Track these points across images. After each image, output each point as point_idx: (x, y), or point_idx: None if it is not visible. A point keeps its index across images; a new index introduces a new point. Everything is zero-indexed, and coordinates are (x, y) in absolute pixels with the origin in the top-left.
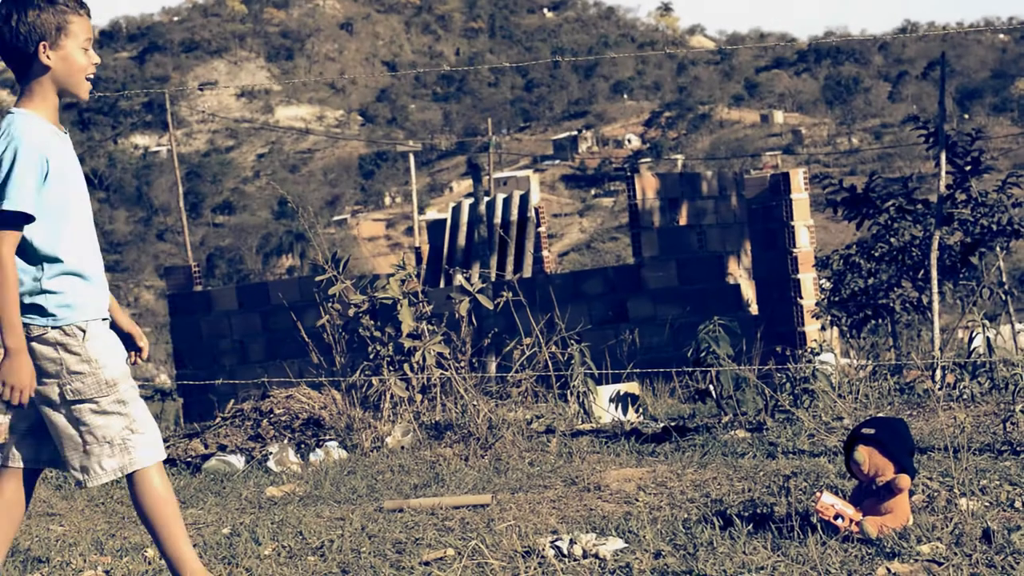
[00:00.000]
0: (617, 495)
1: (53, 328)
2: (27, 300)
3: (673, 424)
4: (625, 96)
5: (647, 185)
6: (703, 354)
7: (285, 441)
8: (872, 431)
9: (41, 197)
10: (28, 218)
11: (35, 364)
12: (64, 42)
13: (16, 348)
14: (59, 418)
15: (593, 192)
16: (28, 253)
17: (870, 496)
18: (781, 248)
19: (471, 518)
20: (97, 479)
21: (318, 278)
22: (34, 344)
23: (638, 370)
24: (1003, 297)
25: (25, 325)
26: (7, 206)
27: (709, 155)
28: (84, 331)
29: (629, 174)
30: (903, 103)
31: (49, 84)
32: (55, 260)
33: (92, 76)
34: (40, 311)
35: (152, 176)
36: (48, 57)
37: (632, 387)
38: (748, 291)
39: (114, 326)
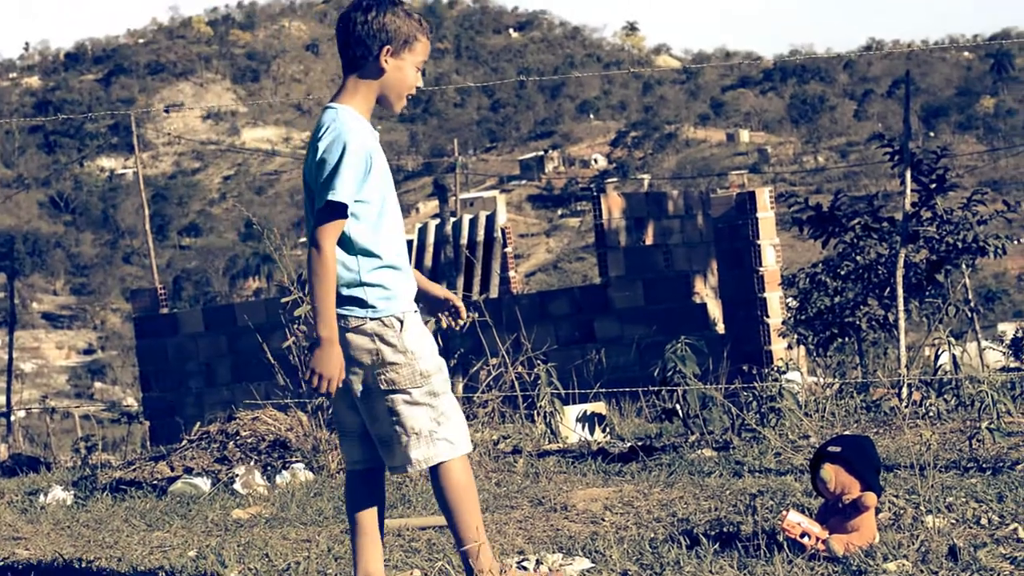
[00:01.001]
0: (584, 515)
1: (372, 319)
2: (345, 292)
3: (640, 444)
4: (591, 116)
5: (613, 205)
6: (670, 373)
7: (251, 463)
8: (838, 449)
9: (363, 191)
10: (346, 212)
11: (351, 355)
12: (405, 55)
13: (328, 338)
14: (373, 409)
15: (559, 212)
16: (347, 246)
17: (836, 514)
18: (747, 267)
19: (437, 539)
20: (404, 470)
21: (284, 300)
22: (351, 335)
23: (605, 390)
24: (969, 315)
25: (343, 316)
26: (333, 197)
27: (675, 174)
28: (402, 322)
29: (595, 194)
30: (868, 121)
31: (375, 87)
32: (373, 253)
33: (411, 96)
34: (359, 303)
35: (118, 199)
36: (387, 62)
37: (599, 407)
38: (715, 310)
39: (427, 297)
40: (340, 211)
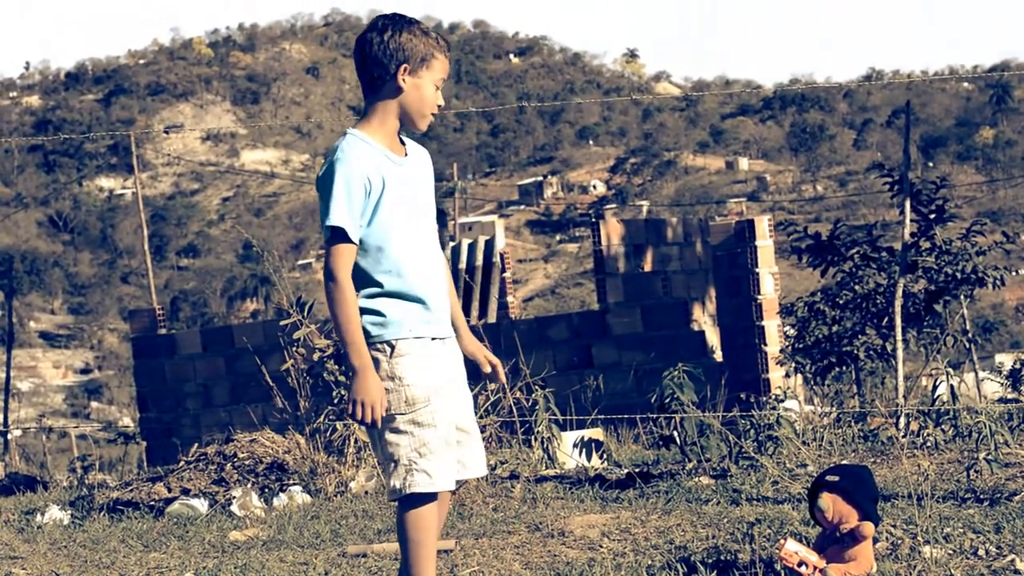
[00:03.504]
0: (581, 541)
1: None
2: None
3: (637, 470)
4: (591, 142)
5: (612, 231)
6: (667, 400)
7: (249, 485)
8: (836, 478)
9: (364, 217)
10: (347, 235)
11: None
12: (422, 73)
13: (363, 366)
14: (371, 434)
15: (558, 238)
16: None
17: (834, 543)
18: (746, 295)
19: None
20: (391, 495)
21: (283, 322)
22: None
23: (602, 416)
24: (967, 345)
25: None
26: (329, 221)
27: (674, 201)
28: (392, 348)
29: (594, 220)
30: (868, 151)
31: (393, 108)
32: (374, 281)
33: (434, 114)
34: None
35: (117, 219)
36: (404, 81)
37: (596, 433)
38: (713, 337)
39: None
40: (341, 235)
